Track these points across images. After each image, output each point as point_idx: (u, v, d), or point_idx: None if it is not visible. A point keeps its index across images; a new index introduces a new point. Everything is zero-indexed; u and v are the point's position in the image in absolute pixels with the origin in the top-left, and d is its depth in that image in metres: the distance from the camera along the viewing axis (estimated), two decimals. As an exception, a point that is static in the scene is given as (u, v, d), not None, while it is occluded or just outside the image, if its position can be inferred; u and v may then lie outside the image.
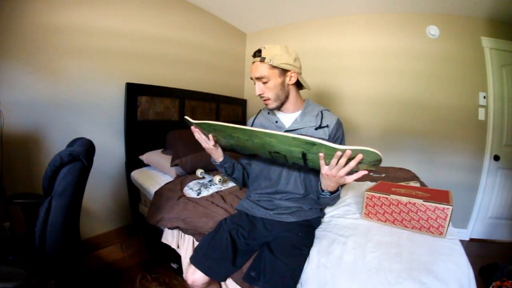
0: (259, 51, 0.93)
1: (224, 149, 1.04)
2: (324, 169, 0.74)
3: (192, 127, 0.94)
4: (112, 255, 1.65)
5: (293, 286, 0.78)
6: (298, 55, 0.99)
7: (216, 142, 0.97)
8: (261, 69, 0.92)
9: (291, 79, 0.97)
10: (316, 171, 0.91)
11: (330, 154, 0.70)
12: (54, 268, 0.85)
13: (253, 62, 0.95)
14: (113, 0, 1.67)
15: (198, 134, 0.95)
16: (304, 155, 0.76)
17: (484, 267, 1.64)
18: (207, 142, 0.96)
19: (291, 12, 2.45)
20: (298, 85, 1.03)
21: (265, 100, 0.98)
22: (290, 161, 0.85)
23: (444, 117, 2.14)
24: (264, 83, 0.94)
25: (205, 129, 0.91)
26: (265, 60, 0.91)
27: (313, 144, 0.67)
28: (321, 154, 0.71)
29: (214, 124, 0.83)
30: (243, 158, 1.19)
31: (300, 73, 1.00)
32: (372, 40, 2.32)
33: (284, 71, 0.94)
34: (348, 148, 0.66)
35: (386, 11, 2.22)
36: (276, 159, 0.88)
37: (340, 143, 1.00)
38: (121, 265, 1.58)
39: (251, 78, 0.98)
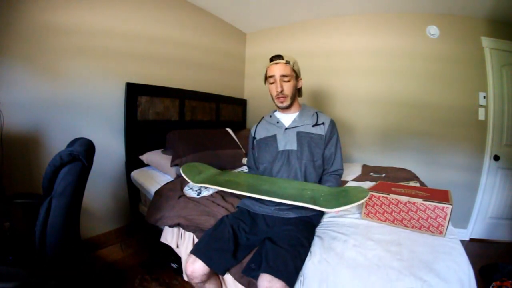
0: (281, 56, 1.11)
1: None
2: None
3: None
4: (112, 255, 1.65)
5: (295, 273, 0.78)
6: None
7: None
8: (287, 69, 1.11)
9: (299, 84, 1.19)
10: (314, 172, 1.16)
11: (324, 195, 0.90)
12: (54, 268, 0.85)
13: (276, 63, 1.11)
14: (113, 0, 1.67)
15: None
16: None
17: (484, 267, 1.64)
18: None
19: (291, 12, 2.46)
20: (298, 92, 1.24)
21: (282, 98, 1.13)
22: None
23: (444, 117, 2.15)
24: (286, 81, 1.11)
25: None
26: (290, 63, 1.11)
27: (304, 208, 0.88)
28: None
29: (211, 187, 1.11)
30: (251, 162, 1.34)
31: None
32: (372, 40, 2.32)
33: (297, 76, 1.16)
34: (333, 210, 0.81)
35: (386, 11, 2.23)
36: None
37: (336, 142, 1.18)
38: (121, 265, 1.58)
39: (270, 77, 1.13)
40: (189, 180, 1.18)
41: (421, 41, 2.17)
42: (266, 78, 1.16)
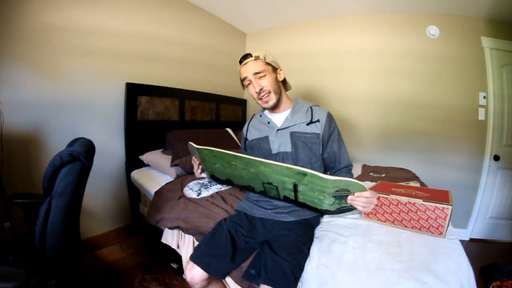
0: (249, 54, 1.02)
1: (220, 181, 1.09)
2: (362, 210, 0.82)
3: (194, 158, 1.05)
4: (112, 255, 1.65)
5: (295, 282, 0.78)
6: None
7: (202, 171, 1.09)
8: (258, 65, 1.00)
9: (280, 75, 1.07)
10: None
11: (320, 185, 0.74)
12: (54, 268, 0.86)
13: (245, 64, 1.02)
14: (113, 0, 1.67)
15: (194, 163, 1.07)
16: (295, 186, 0.80)
17: (484, 267, 1.64)
18: (195, 171, 1.09)
19: (291, 12, 2.45)
20: (284, 86, 1.13)
21: (264, 97, 1.02)
22: (281, 193, 0.89)
23: (444, 117, 2.14)
24: (261, 77, 1.01)
25: (206, 155, 0.96)
26: (260, 58, 1.00)
27: (305, 174, 0.72)
28: (350, 197, 0.77)
29: (215, 150, 0.89)
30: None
31: None
32: (372, 40, 2.32)
33: (274, 69, 1.05)
34: (335, 178, 0.70)
35: (386, 11, 2.22)
36: (268, 191, 0.92)
37: (338, 136, 1.08)
38: (121, 265, 1.58)
39: (243, 80, 1.04)
40: (194, 145, 0.97)
41: (421, 41, 2.16)
42: (242, 82, 1.06)
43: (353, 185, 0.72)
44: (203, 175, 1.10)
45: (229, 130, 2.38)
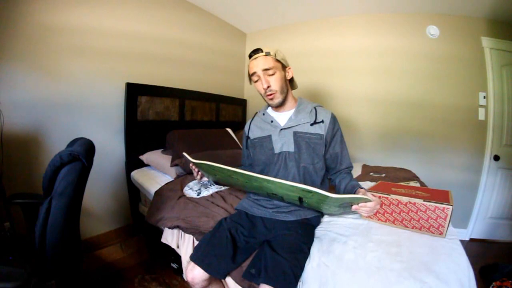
0: (259, 49, 1.00)
1: (223, 185, 1.09)
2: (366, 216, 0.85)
3: (191, 164, 1.02)
4: (112, 255, 1.65)
5: (295, 282, 0.78)
6: None
7: (202, 177, 1.10)
8: (268, 61, 0.98)
9: (289, 74, 1.06)
10: (315, 175, 1.04)
11: (323, 200, 0.75)
12: (54, 268, 0.85)
13: (255, 58, 1.00)
14: (113, 0, 1.67)
15: (192, 170, 1.06)
16: (300, 198, 0.81)
17: (484, 267, 1.64)
18: (195, 176, 1.09)
19: (291, 12, 2.45)
20: (290, 84, 1.11)
21: (271, 95, 1.01)
22: (286, 200, 0.89)
23: (444, 117, 2.14)
24: (271, 75, 0.99)
25: (204, 168, 0.92)
26: (270, 54, 0.99)
27: (309, 191, 0.73)
28: (355, 207, 0.79)
29: (214, 166, 0.86)
30: (245, 160, 1.24)
31: None
32: (372, 40, 2.32)
33: (284, 67, 1.04)
34: (341, 196, 0.72)
35: (386, 11, 2.22)
36: (272, 197, 0.92)
37: (341, 138, 1.08)
38: (121, 265, 1.58)
39: (252, 75, 1.02)
40: (190, 159, 0.98)
41: (421, 41, 2.16)
42: (250, 77, 1.05)
43: (358, 199, 0.74)
44: (204, 178, 1.09)
45: (229, 130, 2.38)
